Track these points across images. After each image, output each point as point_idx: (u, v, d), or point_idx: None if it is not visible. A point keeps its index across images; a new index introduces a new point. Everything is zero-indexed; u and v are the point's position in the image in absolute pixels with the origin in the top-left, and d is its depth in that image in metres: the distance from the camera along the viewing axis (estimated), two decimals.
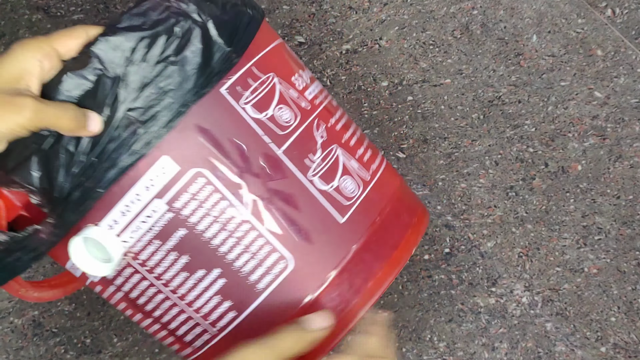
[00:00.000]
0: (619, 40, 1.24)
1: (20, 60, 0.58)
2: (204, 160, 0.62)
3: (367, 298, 0.71)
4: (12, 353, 1.08)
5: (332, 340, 0.68)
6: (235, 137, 0.63)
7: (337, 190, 0.70)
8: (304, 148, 0.68)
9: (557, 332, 1.06)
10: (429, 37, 1.26)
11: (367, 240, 0.71)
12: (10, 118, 0.55)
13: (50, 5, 1.30)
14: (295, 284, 0.67)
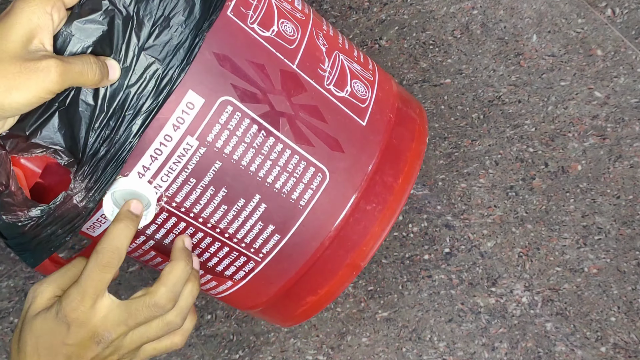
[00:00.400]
0: (619, 40, 1.24)
1: (28, 16, 0.52)
2: (227, 87, 0.62)
3: (402, 192, 0.72)
4: None
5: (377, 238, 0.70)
6: (252, 59, 0.63)
7: (352, 95, 0.71)
8: (314, 59, 0.69)
9: (557, 332, 1.06)
10: (429, 37, 1.26)
11: (389, 138, 0.73)
12: (37, 85, 0.51)
13: None
14: (334, 194, 0.68)
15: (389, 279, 1.11)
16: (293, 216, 0.67)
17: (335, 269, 0.71)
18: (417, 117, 0.79)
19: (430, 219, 1.14)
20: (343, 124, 0.69)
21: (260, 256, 0.68)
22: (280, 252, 0.68)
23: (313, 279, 0.71)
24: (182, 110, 0.60)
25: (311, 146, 0.66)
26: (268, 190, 0.65)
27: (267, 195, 0.65)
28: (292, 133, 0.65)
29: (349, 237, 0.70)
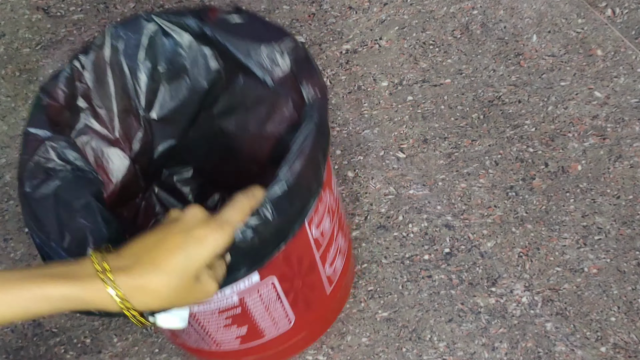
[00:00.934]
0: (619, 40, 1.24)
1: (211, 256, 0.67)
2: (276, 271, 0.83)
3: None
4: (12, 353, 1.08)
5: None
6: (298, 253, 0.85)
7: (333, 269, 0.96)
8: (328, 246, 0.91)
9: (557, 332, 1.06)
10: (429, 37, 1.26)
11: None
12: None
13: (50, 5, 1.30)
14: (291, 335, 0.96)
15: (389, 279, 1.11)
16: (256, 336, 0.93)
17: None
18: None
19: (430, 219, 1.14)
20: (319, 293, 0.95)
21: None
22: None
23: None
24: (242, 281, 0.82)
25: (297, 307, 0.91)
26: (254, 326, 0.90)
27: (253, 328, 0.91)
28: (292, 300, 0.89)
29: None
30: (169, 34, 0.87)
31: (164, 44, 0.87)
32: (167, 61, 0.88)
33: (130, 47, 0.87)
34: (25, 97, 1.24)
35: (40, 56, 1.27)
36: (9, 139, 1.22)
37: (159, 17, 0.86)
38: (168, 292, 0.65)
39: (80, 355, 1.08)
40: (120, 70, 0.86)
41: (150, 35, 0.87)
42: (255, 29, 0.83)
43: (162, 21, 0.86)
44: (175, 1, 1.29)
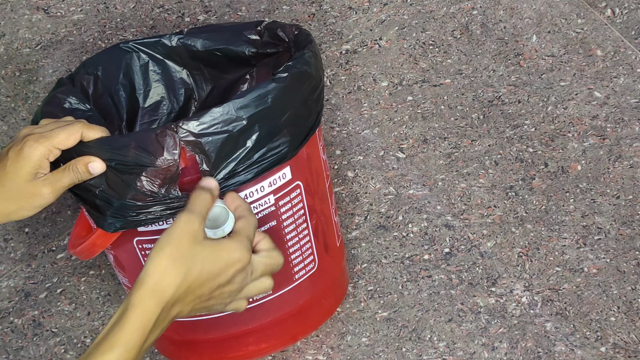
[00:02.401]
0: (618, 40, 1.24)
1: (33, 160, 0.81)
2: (304, 176, 0.91)
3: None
4: (12, 353, 1.08)
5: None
6: (315, 166, 0.93)
7: (337, 224, 1.02)
8: (330, 193, 0.99)
9: (556, 332, 1.06)
10: (429, 37, 1.26)
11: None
12: (36, 203, 0.83)
13: (50, 5, 1.30)
14: (317, 279, 0.98)
15: (389, 279, 1.11)
16: (287, 281, 0.95)
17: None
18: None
19: (430, 219, 1.14)
20: (334, 234, 1.00)
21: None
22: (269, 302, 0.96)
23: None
24: (278, 175, 0.88)
25: (318, 241, 0.96)
26: (285, 250, 0.94)
27: (284, 252, 0.94)
28: (314, 227, 0.95)
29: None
30: (143, 58, 0.99)
31: (139, 67, 1.00)
32: (145, 84, 1.01)
33: (109, 73, 0.98)
34: (25, 97, 1.24)
35: (40, 56, 1.27)
36: (9, 139, 1.22)
37: (133, 44, 0.99)
38: None
39: (80, 355, 1.08)
40: (101, 95, 0.97)
41: (126, 62, 0.99)
42: (225, 26, 0.98)
43: (136, 47, 0.99)
44: (175, 1, 1.29)
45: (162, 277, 0.74)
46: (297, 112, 0.86)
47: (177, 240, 0.75)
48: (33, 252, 1.15)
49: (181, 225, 0.76)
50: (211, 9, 1.28)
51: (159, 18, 1.28)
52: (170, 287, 0.74)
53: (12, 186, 0.81)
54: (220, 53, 0.98)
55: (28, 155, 0.80)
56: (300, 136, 0.87)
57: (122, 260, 0.93)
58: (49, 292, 1.12)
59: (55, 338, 1.09)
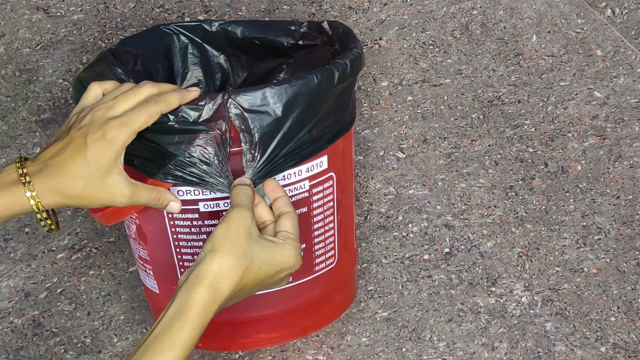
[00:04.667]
0: (618, 40, 1.24)
1: (118, 147, 0.78)
2: (338, 169, 0.93)
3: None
4: (12, 353, 1.08)
5: None
6: (348, 162, 0.96)
7: (355, 226, 1.04)
8: (354, 194, 1.02)
9: (556, 332, 1.06)
10: (429, 37, 1.26)
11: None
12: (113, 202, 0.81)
13: (50, 5, 1.30)
14: (336, 270, 0.99)
15: (389, 279, 1.11)
16: (308, 271, 0.96)
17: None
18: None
19: (430, 219, 1.14)
20: (350, 237, 1.01)
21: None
22: (293, 288, 0.96)
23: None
24: (315, 163, 0.90)
25: (340, 236, 0.97)
26: (311, 240, 0.95)
27: (309, 241, 0.95)
28: (339, 221, 0.96)
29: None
30: (183, 41, 1.00)
31: (179, 50, 1.01)
32: (183, 66, 1.01)
33: (149, 53, 0.98)
34: (25, 97, 1.24)
35: (40, 56, 1.27)
36: (9, 139, 1.22)
37: (174, 26, 1.00)
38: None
39: (80, 355, 1.08)
40: (139, 73, 0.97)
41: (166, 43, 0.99)
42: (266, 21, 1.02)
43: (177, 29, 0.99)
44: (175, 1, 1.29)
45: (222, 275, 0.74)
46: (340, 103, 0.88)
47: (235, 237, 0.75)
48: (33, 252, 1.15)
49: (236, 221, 0.75)
50: (211, 9, 1.28)
51: (159, 18, 1.28)
52: (229, 286, 0.74)
53: (91, 177, 0.77)
54: (259, 41, 0.99)
55: (112, 141, 0.76)
56: (339, 127, 0.90)
57: (145, 231, 0.93)
58: (49, 292, 1.12)
59: (55, 338, 1.09)
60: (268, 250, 0.76)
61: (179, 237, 0.91)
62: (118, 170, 0.78)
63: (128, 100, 0.79)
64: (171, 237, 0.91)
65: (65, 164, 0.77)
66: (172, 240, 0.91)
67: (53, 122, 1.22)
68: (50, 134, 1.21)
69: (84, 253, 1.14)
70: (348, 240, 1.00)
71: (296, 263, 0.79)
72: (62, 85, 1.24)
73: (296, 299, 0.97)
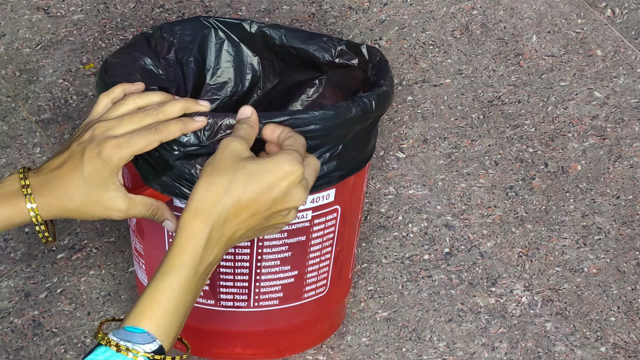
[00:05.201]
0: (618, 40, 1.24)
1: (111, 166, 0.79)
2: (344, 203, 0.91)
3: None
4: (12, 353, 1.08)
5: None
6: (356, 196, 0.94)
7: (354, 258, 1.03)
8: (359, 224, 1.00)
9: (556, 332, 1.06)
10: (429, 37, 1.26)
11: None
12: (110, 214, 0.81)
13: (50, 5, 1.30)
14: (329, 299, 0.99)
15: (389, 279, 1.11)
16: (296, 297, 0.96)
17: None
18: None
19: (430, 219, 1.14)
20: (347, 268, 1.00)
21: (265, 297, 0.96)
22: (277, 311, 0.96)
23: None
24: (322, 195, 0.89)
25: (336, 267, 0.96)
26: (304, 268, 0.94)
27: (302, 267, 0.94)
28: (336, 254, 0.95)
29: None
30: (220, 36, 0.99)
31: (214, 45, 1.00)
32: (216, 61, 1.00)
33: (185, 43, 0.97)
34: (25, 97, 1.24)
35: (40, 56, 1.27)
36: (10, 139, 1.22)
37: (214, 20, 0.99)
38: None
39: (80, 355, 1.08)
40: (172, 62, 0.97)
41: (203, 36, 0.98)
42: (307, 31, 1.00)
43: (217, 24, 0.99)
44: (175, 1, 1.29)
45: (204, 195, 0.72)
46: (360, 139, 0.87)
47: (219, 159, 0.73)
48: (33, 252, 1.15)
49: (222, 145, 0.74)
50: (211, 9, 1.28)
51: (159, 18, 1.28)
52: (214, 204, 0.72)
53: (88, 193, 0.79)
54: (295, 52, 0.98)
55: (106, 161, 0.77)
56: (354, 164, 0.88)
57: (144, 227, 0.93)
58: (49, 292, 1.12)
59: (55, 338, 1.09)
60: (257, 163, 0.73)
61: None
62: (115, 187, 0.79)
63: (132, 123, 0.80)
64: (167, 240, 0.91)
65: (64, 178, 0.79)
66: (168, 243, 0.91)
67: (53, 122, 1.22)
68: (50, 134, 1.21)
69: (84, 253, 1.14)
70: (343, 271, 0.99)
71: (293, 168, 0.73)
72: (62, 85, 1.25)
73: (279, 321, 0.97)
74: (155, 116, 0.80)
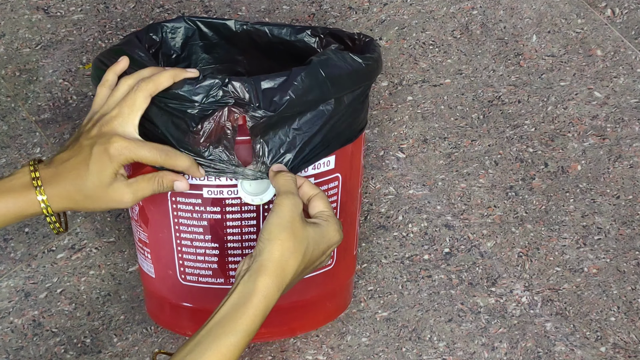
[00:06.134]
0: (618, 40, 1.24)
1: (117, 164, 0.82)
2: (345, 171, 0.93)
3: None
4: (12, 353, 1.08)
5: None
6: (355, 166, 0.96)
7: (356, 235, 1.04)
8: (359, 203, 1.02)
9: (556, 332, 1.06)
10: (429, 37, 1.26)
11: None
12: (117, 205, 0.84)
13: (50, 5, 1.30)
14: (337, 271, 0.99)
15: (389, 279, 1.11)
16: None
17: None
18: None
19: (430, 219, 1.14)
20: (351, 243, 1.01)
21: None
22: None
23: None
24: (323, 162, 0.91)
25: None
26: None
27: None
28: (340, 221, 0.92)
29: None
30: (205, 36, 1.00)
31: (199, 45, 1.01)
32: (201, 61, 1.02)
33: (170, 43, 0.99)
34: (25, 97, 1.24)
35: (40, 56, 1.27)
36: (9, 139, 1.22)
37: (198, 20, 1.00)
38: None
39: (80, 355, 1.08)
40: (158, 63, 0.99)
41: (187, 36, 1.00)
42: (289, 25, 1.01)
43: (201, 24, 1.00)
44: (175, 1, 1.29)
45: (285, 262, 0.77)
46: (354, 107, 0.89)
47: (291, 224, 0.78)
48: (33, 252, 1.15)
49: (292, 208, 0.79)
50: (211, 9, 1.28)
51: (159, 18, 1.28)
52: (291, 271, 0.78)
53: (93, 186, 0.81)
54: (282, 46, 1.00)
55: (113, 158, 0.81)
56: (350, 132, 0.91)
57: (148, 213, 0.94)
58: (49, 292, 1.12)
59: (55, 338, 1.09)
60: (318, 231, 0.80)
61: (180, 221, 0.91)
62: (118, 177, 0.82)
63: (128, 104, 0.83)
64: (172, 221, 0.91)
65: (72, 171, 0.81)
66: (173, 224, 0.91)
67: (53, 122, 1.22)
68: (49, 134, 1.21)
69: (84, 253, 1.14)
70: (348, 246, 1.00)
71: (340, 237, 0.83)
72: (62, 85, 1.24)
73: (289, 297, 0.97)
74: (146, 88, 0.83)
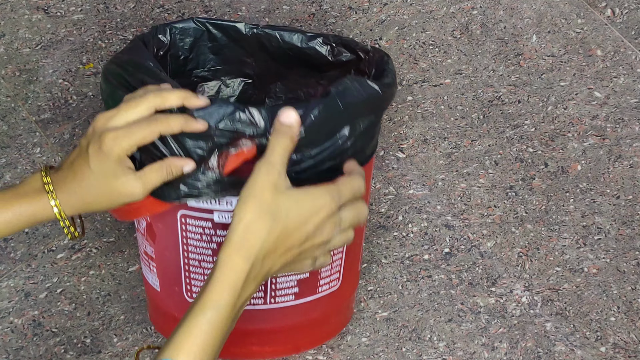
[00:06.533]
0: (618, 40, 1.24)
1: (113, 158, 0.80)
2: None
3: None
4: (12, 353, 1.08)
5: None
6: (367, 193, 0.91)
7: (360, 254, 1.03)
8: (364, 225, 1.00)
9: (556, 332, 1.06)
10: (429, 37, 1.26)
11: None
12: (127, 198, 0.82)
13: (50, 5, 1.30)
14: (342, 291, 0.99)
15: (389, 279, 1.11)
16: (311, 291, 0.96)
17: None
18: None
19: (430, 219, 1.14)
20: (356, 259, 1.00)
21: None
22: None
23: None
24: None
25: (348, 258, 0.96)
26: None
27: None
28: (347, 246, 0.92)
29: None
30: (214, 38, 0.98)
31: (207, 46, 0.99)
32: (209, 63, 1.00)
33: (179, 45, 0.97)
34: (25, 97, 1.24)
35: (40, 56, 1.27)
36: (9, 139, 1.22)
37: (206, 21, 0.98)
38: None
39: (80, 355, 1.08)
40: (166, 65, 0.97)
41: (196, 38, 0.98)
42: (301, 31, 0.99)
43: (211, 26, 0.98)
44: (175, 1, 1.29)
45: (247, 231, 0.72)
46: (367, 131, 0.87)
47: (260, 193, 0.72)
48: (33, 252, 1.15)
49: (262, 177, 0.73)
50: (211, 9, 1.28)
51: (159, 18, 1.28)
52: (256, 241, 0.72)
53: (100, 185, 0.80)
54: (292, 52, 0.97)
55: (107, 153, 0.78)
56: (364, 155, 0.88)
57: (155, 230, 0.92)
58: (49, 292, 1.12)
59: (55, 338, 1.09)
60: (295, 197, 0.73)
61: (188, 242, 0.90)
62: (123, 172, 0.79)
63: (129, 109, 0.80)
64: (181, 242, 0.90)
65: (77, 174, 0.80)
66: (182, 244, 0.91)
67: (53, 122, 1.22)
68: (49, 134, 1.21)
69: (84, 253, 1.14)
70: (354, 264, 0.99)
71: (327, 202, 0.74)
72: (62, 85, 1.25)
73: (295, 317, 0.97)
74: (153, 100, 0.80)
